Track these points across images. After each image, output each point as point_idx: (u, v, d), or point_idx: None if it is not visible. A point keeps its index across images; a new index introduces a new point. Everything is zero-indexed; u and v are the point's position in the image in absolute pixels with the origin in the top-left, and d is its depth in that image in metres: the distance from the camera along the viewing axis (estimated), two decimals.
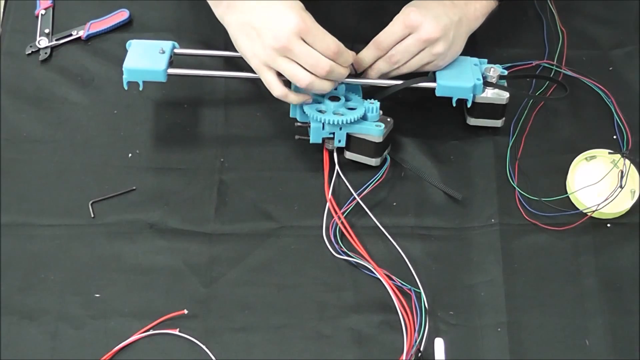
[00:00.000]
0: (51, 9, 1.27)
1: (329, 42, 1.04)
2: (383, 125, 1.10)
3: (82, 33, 1.25)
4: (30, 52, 1.23)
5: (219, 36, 1.21)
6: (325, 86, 1.06)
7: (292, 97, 1.07)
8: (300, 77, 1.04)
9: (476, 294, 1.06)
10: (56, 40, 1.24)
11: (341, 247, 1.08)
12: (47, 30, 1.25)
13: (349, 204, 1.11)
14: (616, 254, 1.10)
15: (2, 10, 1.30)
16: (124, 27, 1.26)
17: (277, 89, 1.06)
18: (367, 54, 1.11)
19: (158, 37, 1.17)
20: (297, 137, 1.12)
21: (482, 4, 1.14)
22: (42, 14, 1.27)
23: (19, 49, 1.23)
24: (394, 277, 1.06)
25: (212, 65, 1.21)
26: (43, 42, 1.24)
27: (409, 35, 1.09)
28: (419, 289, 1.05)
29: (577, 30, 1.28)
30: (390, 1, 1.13)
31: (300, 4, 1.04)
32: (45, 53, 1.23)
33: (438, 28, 1.08)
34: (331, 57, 1.04)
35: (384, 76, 1.13)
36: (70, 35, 1.25)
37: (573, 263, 1.09)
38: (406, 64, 1.11)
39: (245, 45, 1.06)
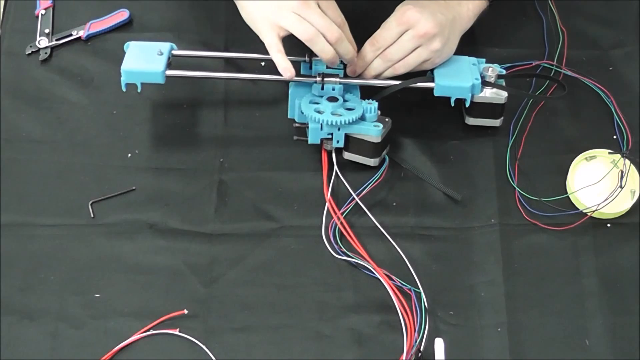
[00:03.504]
0: (51, 9, 1.27)
1: (338, 13, 1.08)
2: (381, 126, 1.10)
3: (82, 33, 1.25)
4: (30, 52, 1.23)
5: (219, 36, 1.22)
6: (327, 50, 1.07)
7: (283, 63, 1.07)
8: (309, 30, 1.05)
9: (476, 294, 1.06)
10: (56, 40, 1.24)
11: (340, 248, 1.08)
12: (47, 30, 1.25)
13: (348, 204, 1.11)
14: (616, 254, 1.10)
15: (2, 10, 1.30)
16: (124, 27, 1.26)
17: (274, 47, 1.06)
18: (365, 54, 1.11)
19: (158, 37, 1.17)
20: (295, 137, 1.12)
21: (475, 3, 1.15)
22: (42, 14, 1.27)
23: (19, 49, 1.23)
24: (393, 277, 1.06)
25: (212, 65, 1.21)
26: (43, 42, 1.24)
27: (404, 32, 1.09)
28: (419, 289, 1.05)
29: (577, 30, 1.28)
30: (390, 1, 1.13)
31: None
32: (45, 53, 1.23)
33: (434, 24, 1.09)
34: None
35: (380, 76, 1.13)
36: (70, 35, 1.25)
37: (573, 263, 1.09)
38: (402, 61, 1.11)
39: (257, 9, 1.07)
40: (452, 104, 1.13)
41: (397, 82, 1.13)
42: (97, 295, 1.04)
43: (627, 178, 1.11)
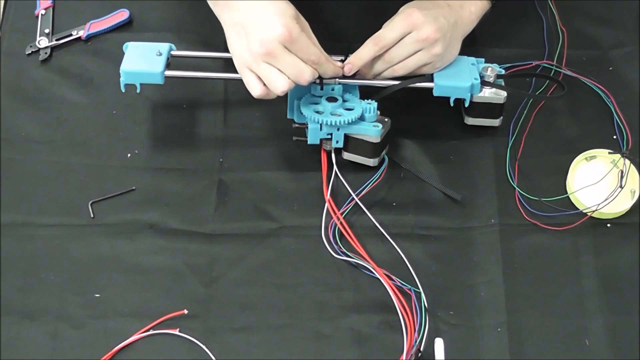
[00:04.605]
0: (51, 9, 1.27)
1: (312, 52, 1.04)
2: (381, 126, 1.10)
3: (82, 33, 1.25)
4: (30, 52, 1.23)
5: (219, 36, 1.21)
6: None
7: (272, 95, 1.07)
8: (279, 85, 1.03)
9: (476, 294, 1.06)
10: (56, 40, 1.24)
11: (340, 248, 1.08)
12: (47, 30, 1.25)
13: (347, 204, 1.11)
14: (616, 254, 1.09)
15: (2, 10, 1.30)
16: (124, 27, 1.26)
17: (256, 89, 1.06)
18: (366, 51, 1.10)
19: (158, 37, 1.17)
20: (294, 138, 1.12)
21: (477, 5, 1.15)
22: (42, 14, 1.27)
23: (19, 49, 1.23)
24: (393, 277, 1.06)
25: (212, 66, 1.21)
26: (43, 42, 1.24)
27: (407, 35, 1.09)
28: (419, 289, 1.05)
29: (577, 30, 1.28)
30: (390, 1, 1.13)
31: (292, 11, 1.03)
32: (45, 53, 1.23)
33: (436, 29, 1.08)
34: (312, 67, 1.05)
35: (379, 76, 1.13)
36: (70, 35, 1.25)
37: (573, 263, 1.09)
38: (402, 63, 1.10)
39: (234, 43, 1.06)
40: (452, 104, 1.13)
41: (397, 82, 1.13)
42: (97, 295, 1.04)
43: (627, 178, 1.11)
